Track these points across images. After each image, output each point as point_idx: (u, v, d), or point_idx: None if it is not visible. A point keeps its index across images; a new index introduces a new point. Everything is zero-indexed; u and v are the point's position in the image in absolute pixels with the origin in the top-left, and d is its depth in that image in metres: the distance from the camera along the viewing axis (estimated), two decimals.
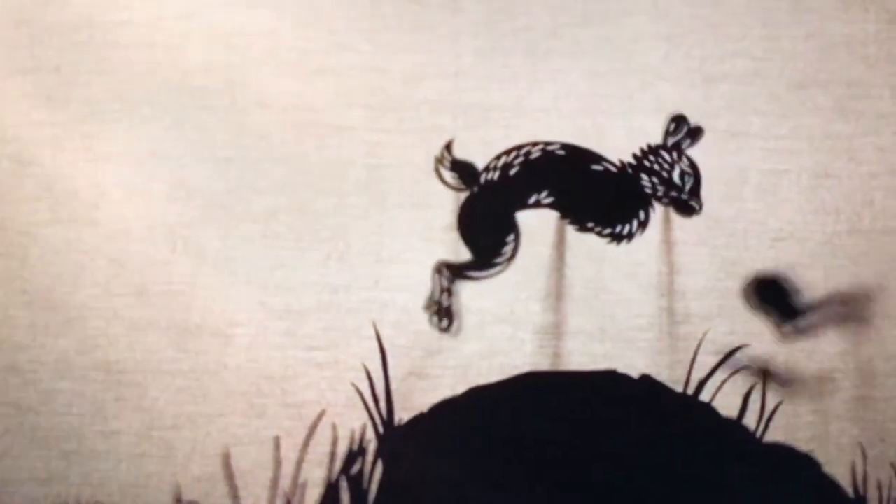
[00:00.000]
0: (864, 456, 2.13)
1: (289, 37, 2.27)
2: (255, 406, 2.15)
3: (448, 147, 2.20)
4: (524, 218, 2.20)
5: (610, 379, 2.15)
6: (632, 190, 2.20)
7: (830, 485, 2.12)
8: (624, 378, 2.15)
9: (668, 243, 2.19)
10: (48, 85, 2.25)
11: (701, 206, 2.19)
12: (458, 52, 2.26)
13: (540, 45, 2.26)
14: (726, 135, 2.22)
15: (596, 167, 2.20)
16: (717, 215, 2.20)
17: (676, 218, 2.20)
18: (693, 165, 2.20)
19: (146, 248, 2.20)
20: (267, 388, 2.15)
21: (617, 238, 2.19)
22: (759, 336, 2.16)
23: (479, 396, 2.15)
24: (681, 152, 2.19)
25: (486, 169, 2.20)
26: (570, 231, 2.20)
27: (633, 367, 2.16)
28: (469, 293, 2.18)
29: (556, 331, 2.17)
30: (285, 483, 2.12)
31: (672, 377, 2.15)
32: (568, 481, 2.10)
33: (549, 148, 2.21)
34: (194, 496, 2.13)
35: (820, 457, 2.13)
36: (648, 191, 2.19)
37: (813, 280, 2.18)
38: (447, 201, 2.21)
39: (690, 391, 2.15)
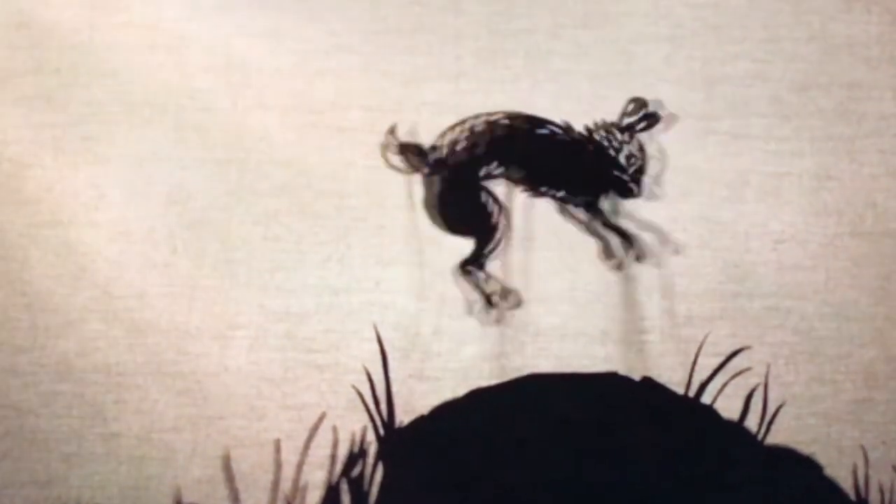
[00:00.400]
0: (866, 458, 2.13)
1: (289, 38, 2.27)
2: (256, 408, 2.14)
3: (392, 131, 2.20)
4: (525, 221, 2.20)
5: (611, 381, 2.15)
6: (586, 150, 2.20)
7: (832, 487, 2.12)
8: (625, 380, 2.15)
9: (669, 245, 2.19)
10: (48, 87, 2.25)
11: (640, 192, 2.19)
12: (459, 54, 2.26)
13: (541, 47, 2.26)
14: (728, 137, 2.22)
15: (541, 131, 2.20)
16: (719, 217, 2.20)
17: (680, 220, 2.19)
18: (642, 150, 2.19)
19: (146, 250, 2.20)
20: (267, 391, 2.15)
21: (574, 202, 2.19)
22: (761, 338, 2.16)
23: (480, 398, 2.15)
24: (633, 134, 2.19)
25: (433, 148, 2.20)
26: (577, 234, 2.19)
27: (634, 369, 2.15)
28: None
29: (557, 333, 2.17)
30: (286, 485, 2.12)
31: (673, 379, 2.15)
32: (569, 483, 2.09)
33: (493, 118, 2.20)
34: (195, 498, 2.13)
35: (822, 459, 2.13)
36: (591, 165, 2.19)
37: (815, 282, 2.18)
38: None
39: (692, 393, 2.14)
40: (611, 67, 2.25)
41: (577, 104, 2.23)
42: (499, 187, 2.21)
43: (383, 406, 2.14)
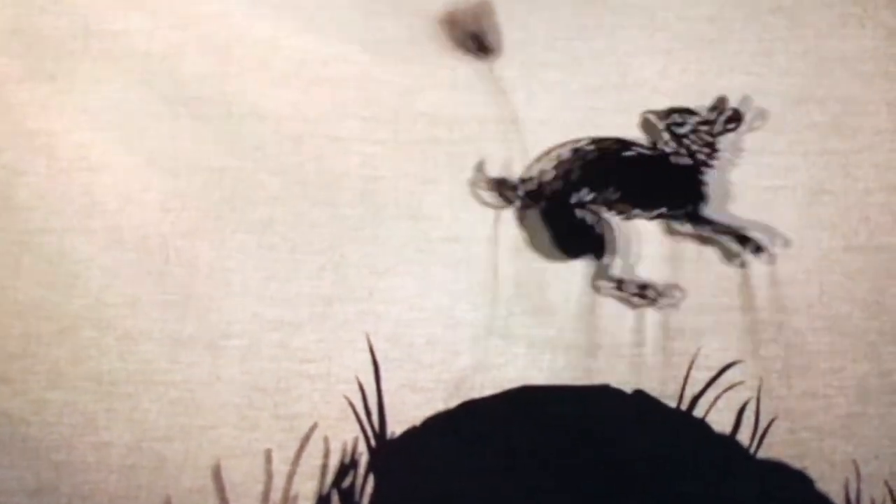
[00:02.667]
0: (858, 473, 2.12)
1: (285, 47, 2.27)
2: (248, 418, 2.14)
3: (480, 168, 2.20)
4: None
5: (604, 394, 2.15)
6: (676, 162, 2.21)
7: (824, 501, 2.12)
8: (618, 393, 2.15)
9: (662, 259, 2.19)
10: (43, 93, 2.25)
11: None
12: (455, 65, 2.26)
13: (537, 58, 2.26)
14: (722, 150, 2.22)
15: (628, 153, 2.20)
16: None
17: (674, 233, 2.20)
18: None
19: (140, 258, 2.20)
20: (259, 401, 2.15)
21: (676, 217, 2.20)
22: (753, 352, 2.16)
23: (473, 410, 2.14)
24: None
25: (522, 180, 2.20)
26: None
27: (626, 382, 2.15)
28: (463, 306, 2.18)
29: (549, 345, 2.16)
30: (276, 496, 2.11)
31: (666, 392, 2.15)
32: (561, 496, 2.09)
33: (579, 145, 2.21)
34: None
35: (814, 473, 2.12)
36: (704, 150, 2.20)
37: (808, 296, 2.18)
38: (442, 213, 2.21)
39: (684, 406, 2.14)
40: (606, 79, 2.25)
41: (573, 115, 2.23)
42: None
43: (375, 417, 2.13)
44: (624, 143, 2.21)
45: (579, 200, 2.20)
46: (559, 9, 2.28)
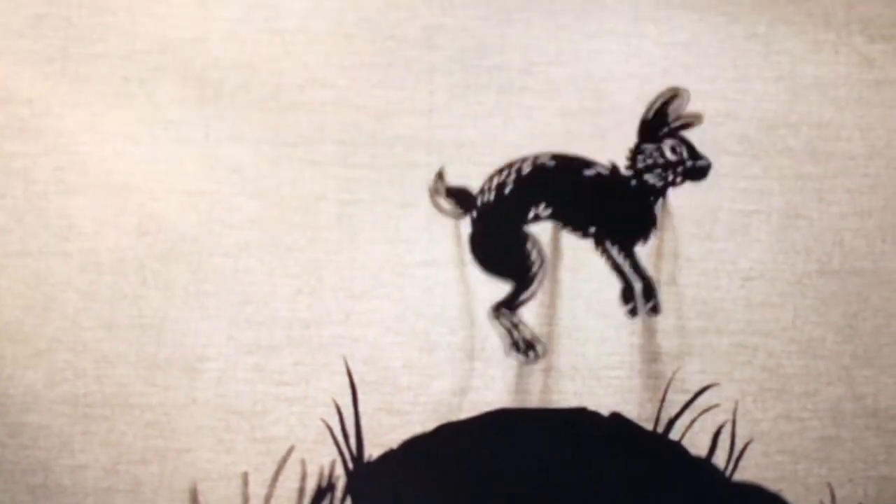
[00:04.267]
0: (833, 496, 2.13)
1: (262, 71, 2.27)
2: (224, 441, 2.13)
3: (440, 175, 2.21)
4: None
5: (580, 416, 2.15)
6: (631, 190, 2.21)
7: None
8: (594, 416, 2.15)
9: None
10: (21, 116, 2.24)
11: (708, 161, 2.20)
12: (432, 89, 2.27)
13: (514, 83, 2.27)
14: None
15: (588, 172, 2.21)
16: (688, 254, 2.21)
17: (650, 257, 2.21)
18: (676, 136, 2.21)
19: (116, 280, 2.19)
20: (236, 424, 2.14)
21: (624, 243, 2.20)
22: (729, 375, 2.17)
23: (450, 433, 2.14)
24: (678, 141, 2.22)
25: (481, 191, 2.21)
26: (548, 272, 2.20)
27: (603, 404, 2.16)
28: (440, 329, 2.18)
29: (527, 368, 2.17)
30: None
31: (642, 415, 2.15)
32: None
33: (540, 161, 2.21)
34: None
35: (788, 496, 2.14)
36: (660, 184, 2.20)
37: (783, 320, 2.19)
38: (419, 237, 2.21)
39: (661, 429, 2.15)
40: (582, 104, 2.26)
41: (549, 140, 2.24)
42: (545, 227, 2.21)
43: (352, 440, 2.13)
44: (584, 162, 2.22)
45: (535, 214, 2.20)
46: (536, 34, 2.29)
